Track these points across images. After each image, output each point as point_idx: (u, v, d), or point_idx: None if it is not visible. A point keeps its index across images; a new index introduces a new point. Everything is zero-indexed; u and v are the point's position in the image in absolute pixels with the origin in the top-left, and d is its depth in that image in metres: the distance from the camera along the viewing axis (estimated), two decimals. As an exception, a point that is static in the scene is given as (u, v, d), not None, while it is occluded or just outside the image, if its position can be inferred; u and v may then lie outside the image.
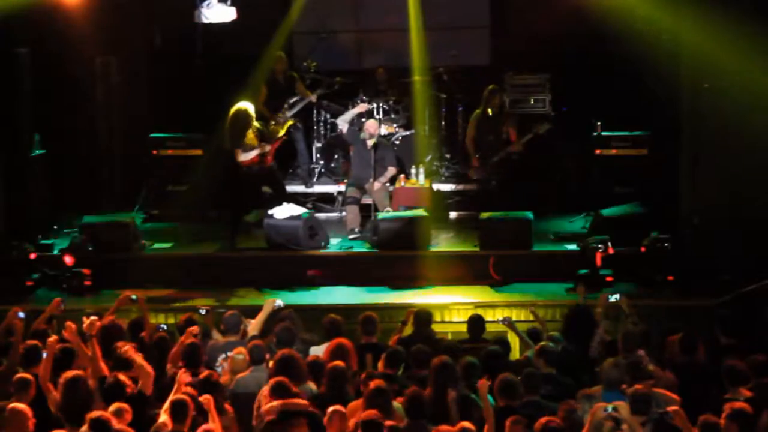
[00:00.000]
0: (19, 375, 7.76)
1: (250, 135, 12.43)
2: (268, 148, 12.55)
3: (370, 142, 12.93)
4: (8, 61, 12.57)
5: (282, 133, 13.44)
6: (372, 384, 7.49)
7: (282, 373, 7.71)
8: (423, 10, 14.13)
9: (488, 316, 10.26)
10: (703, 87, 11.61)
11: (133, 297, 9.61)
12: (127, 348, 8.10)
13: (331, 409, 7.22)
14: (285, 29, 14.13)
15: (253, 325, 9.14)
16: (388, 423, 7.04)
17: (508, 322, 9.54)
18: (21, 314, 8.99)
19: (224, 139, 12.45)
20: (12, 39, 12.55)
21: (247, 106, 12.37)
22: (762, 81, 11.18)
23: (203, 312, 9.49)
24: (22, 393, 7.59)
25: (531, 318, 10.43)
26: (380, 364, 8.43)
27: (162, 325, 9.26)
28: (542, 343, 8.69)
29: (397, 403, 7.52)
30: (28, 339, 8.56)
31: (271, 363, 8.19)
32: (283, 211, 12.35)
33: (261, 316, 9.22)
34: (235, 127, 12.31)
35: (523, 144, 12.95)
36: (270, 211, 12.38)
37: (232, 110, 12.30)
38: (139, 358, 7.92)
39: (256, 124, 12.50)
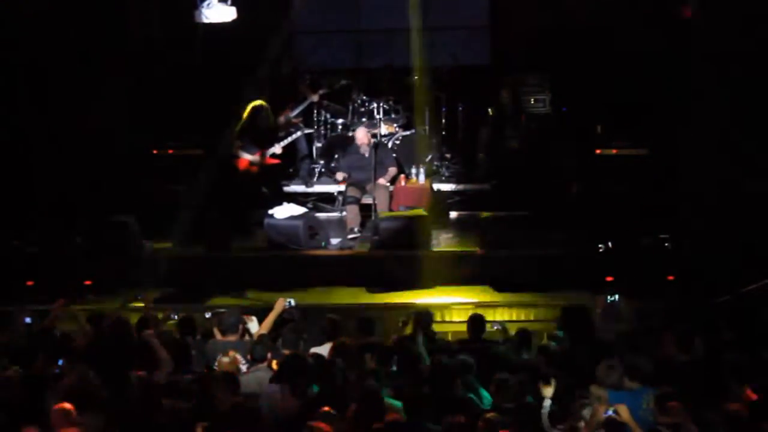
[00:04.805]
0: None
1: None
2: (259, 159, 12.80)
3: (365, 151, 12.94)
4: (8, 61, 12.60)
5: (278, 151, 13.53)
6: (364, 384, 7.50)
7: (287, 375, 7.73)
8: (423, 10, 14.15)
9: (488, 316, 10.26)
10: (704, 87, 11.62)
11: (138, 296, 9.65)
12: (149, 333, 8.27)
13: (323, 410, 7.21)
14: None
15: (264, 324, 9.17)
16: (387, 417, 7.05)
17: (503, 328, 9.55)
18: (27, 319, 9.03)
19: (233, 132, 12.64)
20: (11, 39, 12.58)
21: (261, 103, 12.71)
22: (763, 81, 11.21)
23: (208, 315, 9.49)
24: None
25: (531, 317, 10.44)
26: (377, 364, 8.45)
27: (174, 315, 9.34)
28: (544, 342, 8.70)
29: (393, 402, 7.54)
30: (33, 339, 8.61)
31: (274, 363, 8.22)
32: (283, 211, 12.37)
33: (272, 315, 9.25)
34: (247, 121, 12.52)
35: (523, 144, 12.99)
36: (270, 211, 12.41)
37: (250, 105, 12.80)
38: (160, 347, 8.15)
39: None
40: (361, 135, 13.11)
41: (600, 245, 11.65)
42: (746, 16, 11.29)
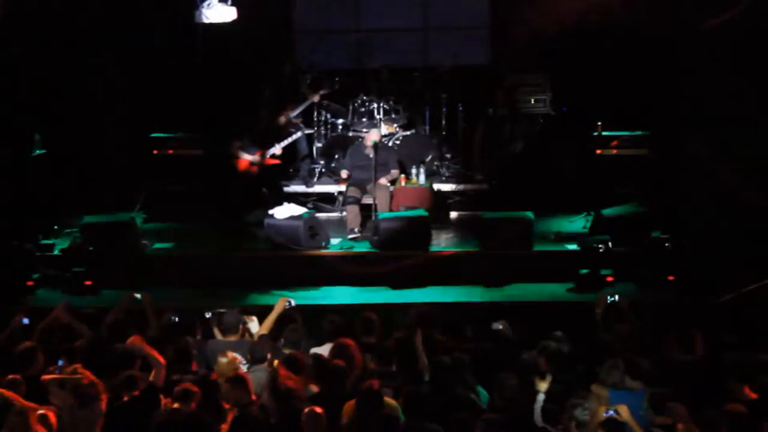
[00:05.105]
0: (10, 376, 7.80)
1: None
2: (259, 159, 12.85)
3: (370, 152, 12.94)
4: (8, 61, 12.59)
5: (278, 152, 13.55)
6: (365, 384, 7.50)
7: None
8: (423, 10, 14.16)
9: (488, 316, 10.25)
10: (704, 86, 11.61)
11: (137, 296, 9.61)
12: (133, 340, 8.23)
13: (306, 410, 7.21)
14: None
15: (264, 324, 9.16)
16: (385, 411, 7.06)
17: (504, 328, 9.53)
18: (25, 320, 9.02)
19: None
20: (11, 39, 12.57)
21: None
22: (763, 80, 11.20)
23: (208, 315, 9.48)
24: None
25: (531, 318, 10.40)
26: (375, 364, 8.46)
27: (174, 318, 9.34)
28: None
29: (392, 401, 7.54)
30: (35, 340, 8.60)
31: (275, 363, 8.22)
32: (284, 211, 12.37)
33: (272, 316, 9.23)
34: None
35: (523, 144, 12.99)
36: (270, 211, 12.41)
37: None
38: (148, 348, 8.07)
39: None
40: (374, 137, 13.07)
41: (600, 245, 11.64)
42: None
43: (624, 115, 13.38)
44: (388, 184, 13.07)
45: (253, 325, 9.35)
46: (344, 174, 13.26)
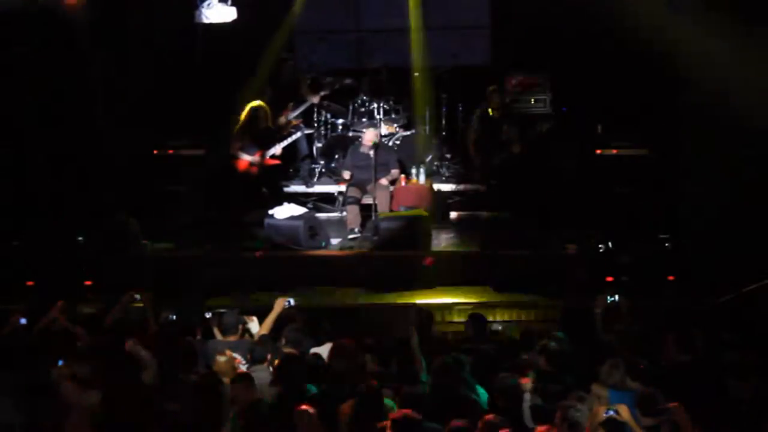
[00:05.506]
0: None
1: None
2: (259, 159, 12.87)
3: (370, 151, 12.94)
4: (8, 60, 12.60)
5: (278, 152, 13.54)
6: (365, 384, 7.51)
7: (286, 374, 7.75)
8: (423, 10, 14.15)
9: (488, 316, 10.26)
10: (704, 86, 11.62)
11: (137, 296, 9.61)
12: (132, 342, 8.23)
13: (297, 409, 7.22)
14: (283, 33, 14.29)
15: (264, 325, 9.17)
16: (381, 424, 7.05)
17: (504, 328, 9.56)
18: (23, 320, 9.02)
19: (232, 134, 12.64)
20: (12, 38, 12.58)
21: (259, 104, 12.72)
22: (762, 79, 11.20)
23: (208, 315, 9.48)
24: None
25: (531, 318, 10.43)
26: (375, 364, 8.46)
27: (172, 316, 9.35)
28: (544, 341, 8.68)
29: (391, 401, 7.54)
30: (33, 340, 8.61)
31: (276, 363, 8.22)
32: (284, 211, 12.38)
33: (272, 316, 9.24)
34: (246, 123, 12.68)
35: (523, 145, 12.98)
36: (270, 211, 12.42)
37: (248, 106, 12.91)
38: (144, 351, 8.11)
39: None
40: (373, 137, 13.09)
41: (600, 245, 11.63)
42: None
43: (625, 115, 13.37)
44: (388, 184, 13.07)
45: (253, 325, 9.35)
46: (346, 175, 13.27)
